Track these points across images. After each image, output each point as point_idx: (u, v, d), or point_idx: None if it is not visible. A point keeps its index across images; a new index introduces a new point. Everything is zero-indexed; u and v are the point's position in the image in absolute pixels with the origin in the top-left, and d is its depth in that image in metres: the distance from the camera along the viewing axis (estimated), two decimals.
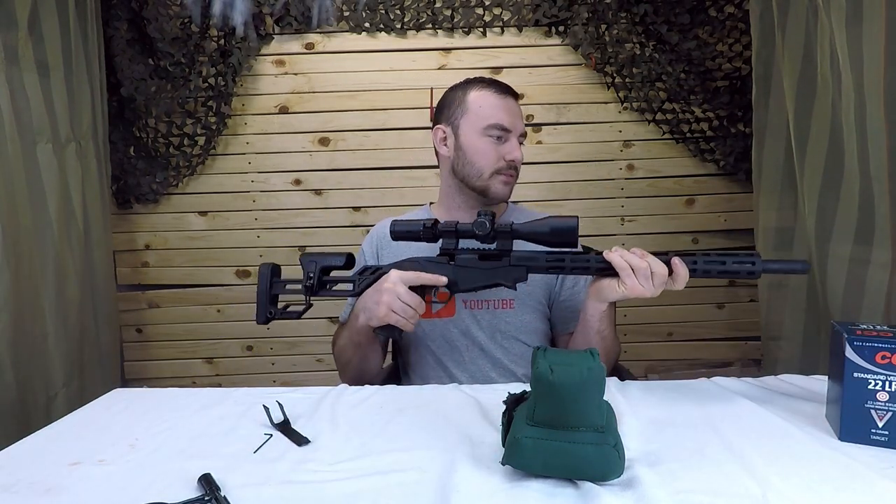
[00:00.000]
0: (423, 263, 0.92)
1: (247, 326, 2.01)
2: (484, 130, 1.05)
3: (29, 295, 1.45)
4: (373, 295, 0.93)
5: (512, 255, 0.88)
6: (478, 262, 0.90)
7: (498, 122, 1.04)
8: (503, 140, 1.05)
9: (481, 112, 1.06)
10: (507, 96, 1.07)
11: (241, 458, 0.69)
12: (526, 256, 0.88)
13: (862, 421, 0.67)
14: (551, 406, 0.59)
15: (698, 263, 0.80)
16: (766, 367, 1.69)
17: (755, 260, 0.77)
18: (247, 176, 1.95)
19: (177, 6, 1.82)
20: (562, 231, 0.83)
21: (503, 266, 0.88)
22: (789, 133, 1.37)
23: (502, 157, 1.05)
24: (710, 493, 0.57)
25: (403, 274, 0.91)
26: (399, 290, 0.90)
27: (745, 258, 0.78)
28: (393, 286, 0.90)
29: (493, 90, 1.07)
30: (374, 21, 1.86)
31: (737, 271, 0.78)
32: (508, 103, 1.06)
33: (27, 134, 1.46)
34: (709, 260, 0.80)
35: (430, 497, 0.59)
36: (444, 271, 0.91)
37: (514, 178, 1.08)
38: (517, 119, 1.07)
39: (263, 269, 0.98)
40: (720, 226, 1.94)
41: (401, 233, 0.91)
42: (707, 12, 1.80)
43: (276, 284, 0.98)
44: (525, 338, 1.08)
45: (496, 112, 1.05)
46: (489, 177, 1.06)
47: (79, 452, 0.71)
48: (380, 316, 0.91)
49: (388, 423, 0.78)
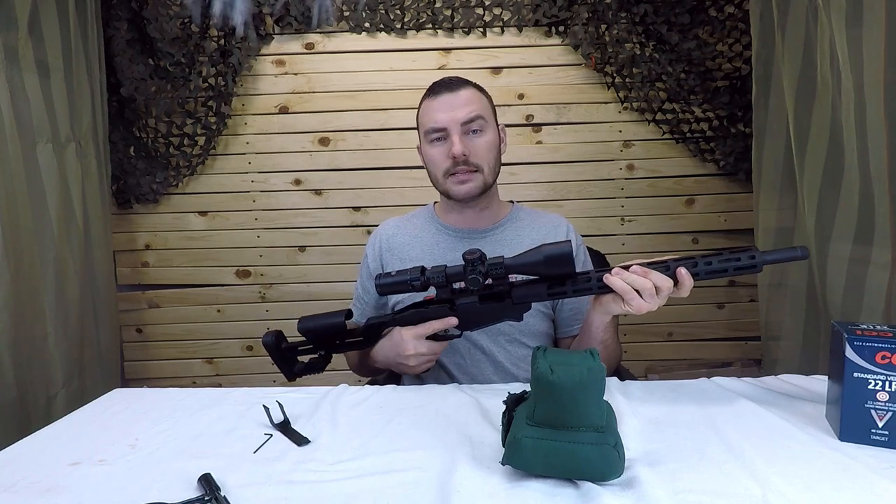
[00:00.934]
0: (427, 311, 0.92)
1: (247, 326, 2.01)
2: (426, 138, 1.06)
3: (29, 295, 1.45)
4: (395, 359, 0.94)
5: (514, 295, 0.86)
6: (479, 306, 0.88)
7: (431, 126, 1.03)
8: (443, 140, 1.03)
9: (422, 122, 1.07)
10: (441, 94, 1.03)
11: (241, 458, 0.69)
12: (527, 294, 0.85)
13: (862, 421, 0.67)
14: (551, 406, 0.59)
15: (699, 266, 0.78)
16: (766, 367, 1.69)
17: (754, 253, 0.76)
18: (247, 176, 1.95)
19: (177, 6, 1.82)
20: (557, 259, 0.80)
21: (507, 307, 0.87)
22: (789, 133, 1.37)
23: (446, 156, 1.03)
24: (710, 493, 0.57)
25: (416, 332, 0.91)
26: (421, 349, 0.91)
27: (743, 253, 0.76)
28: (414, 350, 0.91)
29: (430, 96, 1.06)
30: (374, 21, 1.86)
31: (738, 268, 0.76)
32: (443, 101, 1.03)
33: (27, 134, 1.46)
34: (707, 261, 0.78)
35: (430, 497, 0.59)
36: (447, 315, 0.90)
37: (471, 174, 1.03)
38: (457, 110, 1.02)
39: (267, 341, 0.98)
40: (720, 226, 1.94)
41: (386, 287, 0.88)
42: (707, 12, 1.80)
43: (286, 350, 0.99)
44: (528, 340, 1.08)
45: (430, 116, 1.04)
46: (444, 180, 1.05)
47: (79, 452, 0.71)
48: (416, 372, 0.95)
49: (388, 423, 0.78)
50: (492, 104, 1.09)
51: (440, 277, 0.86)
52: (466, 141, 1.02)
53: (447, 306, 0.90)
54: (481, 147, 1.04)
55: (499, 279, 0.85)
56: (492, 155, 1.06)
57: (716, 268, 0.77)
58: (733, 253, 0.77)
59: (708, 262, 0.77)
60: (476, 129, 1.04)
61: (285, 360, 0.98)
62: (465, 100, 1.03)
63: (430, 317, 0.91)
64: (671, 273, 0.78)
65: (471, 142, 1.03)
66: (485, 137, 1.04)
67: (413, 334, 0.91)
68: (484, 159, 1.04)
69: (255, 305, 2.00)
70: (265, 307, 2.00)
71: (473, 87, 1.07)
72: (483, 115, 1.04)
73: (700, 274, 0.78)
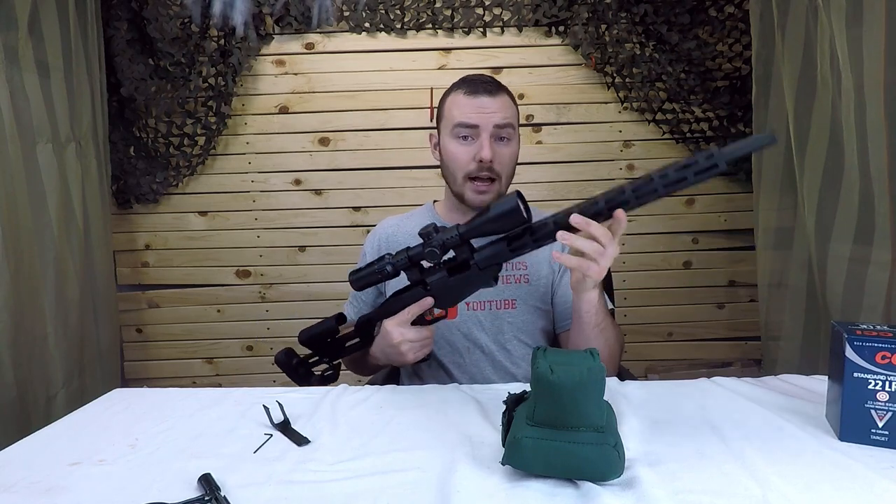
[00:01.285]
0: (403, 297, 0.91)
1: (247, 326, 2.01)
2: (452, 132, 1.03)
3: (29, 295, 1.45)
4: (388, 351, 0.94)
5: (476, 262, 0.84)
6: (449, 280, 0.87)
7: (462, 120, 1.01)
8: (471, 140, 1.02)
9: (450, 114, 1.04)
10: (479, 94, 1.02)
11: (241, 458, 0.69)
12: (489, 255, 0.84)
13: (862, 421, 0.67)
14: (551, 406, 0.59)
15: (655, 181, 0.72)
16: (766, 367, 1.69)
17: (711, 152, 0.68)
18: (247, 176, 1.95)
19: (177, 6, 1.82)
20: (506, 214, 0.78)
21: (474, 273, 0.85)
22: (789, 133, 1.37)
23: (472, 158, 1.01)
24: (710, 493, 0.57)
25: (398, 319, 0.91)
26: (408, 336, 0.90)
27: (699, 154, 0.69)
28: (402, 337, 0.90)
29: (464, 90, 1.03)
30: (374, 21, 1.86)
31: (697, 171, 0.69)
32: (479, 101, 1.01)
33: (27, 134, 1.46)
34: (663, 174, 0.71)
35: (430, 497, 0.58)
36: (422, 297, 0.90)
37: (490, 185, 1.02)
38: (492, 114, 1.01)
39: (279, 359, 1.00)
40: (720, 226, 1.94)
41: (359, 281, 0.89)
42: (707, 12, 1.80)
43: (298, 365, 1.01)
44: (527, 338, 1.08)
45: (462, 111, 1.02)
46: (462, 182, 1.04)
47: (79, 452, 0.71)
48: (408, 362, 0.93)
49: (388, 423, 0.78)
50: (518, 114, 1.09)
51: (403, 260, 0.86)
52: (495, 147, 1.01)
53: (421, 288, 0.89)
54: (506, 156, 1.03)
55: (458, 248, 0.83)
56: (512, 166, 1.06)
57: (673, 178, 0.70)
58: (688, 160, 0.70)
59: (664, 174, 0.71)
60: (505, 137, 1.03)
61: (299, 375, 1.00)
62: (501, 105, 1.02)
63: (408, 302, 0.90)
64: (603, 207, 0.75)
65: (498, 149, 1.02)
66: (511, 147, 1.04)
67: (396, 322, 0.91)
68: (505, 170, 1.04)
69: (255, 305, 2.00)
70: (265, 307, 2.00)
71: (508, 94, 1.06)
72: (514, 124, 1.04)
73: (658, 189, 0.72)
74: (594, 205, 0.77)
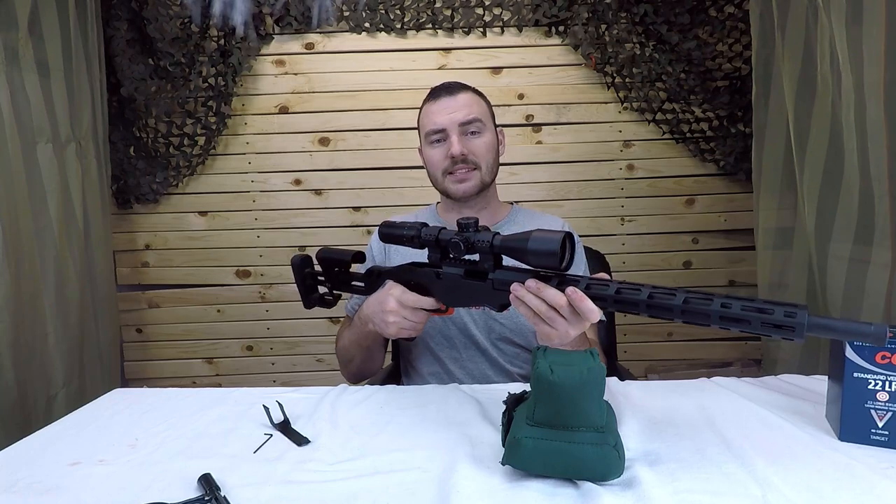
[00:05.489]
0: (415, 271, 0.89)
1: (247, 326, 2.01)
2: (426, 140, 1.09)
3: (29, 295, 1.45)
4: (379, 313, 0.91)
5: (494, 279, 0.78)
6: (461, 280, 0.82)
7: (431, 128, 1.07)
8: (443, 141, 1.07)
9: (422, 124, 1.10)
10: (441, 97, 1.07)
11: (241, 458, 0.69)
12: (507, 279, 0.76)
13: (862, 421, 0.67)
14: (551, 406, 0.59)
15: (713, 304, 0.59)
16: (766, 367, 1.69)
17: (794, 311, 0.55)
18: (247, 176, 1.95)
19: (177, 6, 1.82)
20: (542, 253, 0.69)
21: (486, 288, 0.79)
22: (789, 133, 1.37)
23: (445, 156, 1.06)
24: (710, 493, 0.57)
25: (403, 296, 0.88)
26: (404, 312, 0.88)
27: (779, 307, 0.56)
28: (395, 307, 0.88)
29: (430, 100, 1.09)
30: (374, 21, 1.86)
31: (766, 322, 0.56)
32: (440, 104, 1.07)
33: (27, 134, 1.46)
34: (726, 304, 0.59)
35: (430, 497, 0.59)
36: (433, 284, 0.86)
37: (469, 172, 1.06)
38: (454, 113, 1.05)
39: (295, 261, 1.00)
40: (720, 226, 1.94)
41: (387, 234, 0.86)
42: (707, 12, 1.80)
43: (308, 276, 1.00)
44: (519, 340, 1.08)
45: (429, 118, 1.07)
46: (443, 179, 1.08)
47: (79, 452, 0.71)
48: (392, 334, 0.91)
49: (388, 423, 0.78)
50: (490, 108, 1.13)
51: (431, 236, 0.81)
52: (465, 141, 1.06)
53: (434, 272, 0.85)
54: (479, 147, 1.07)
55: (485, 255, 0.77)
56: (490, 155, 1.09)
57: (735, 314, 0.58)
58: (768, 303, 0.57)
59: (726, 303, 0.59)
60: (474, 131, 1.07)
61: (305, 286, 1.00)
62: (463, 103, 1.07)
63: (416, 277, 0.88)
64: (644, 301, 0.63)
65: (469, 142, 1.06)
66: (483, 138, 1.08)
67: (399, 292, 0.88)
68: (482, 158, 1.07)
69: (255, 305, 2.00)
70: (265, 307, 2.00)
71: (472, 91, 1.10)
72: (481, 118, 1.08)
73: (712, 317, 0.59)
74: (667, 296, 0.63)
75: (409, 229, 0.83)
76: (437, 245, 0.81)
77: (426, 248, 0.83)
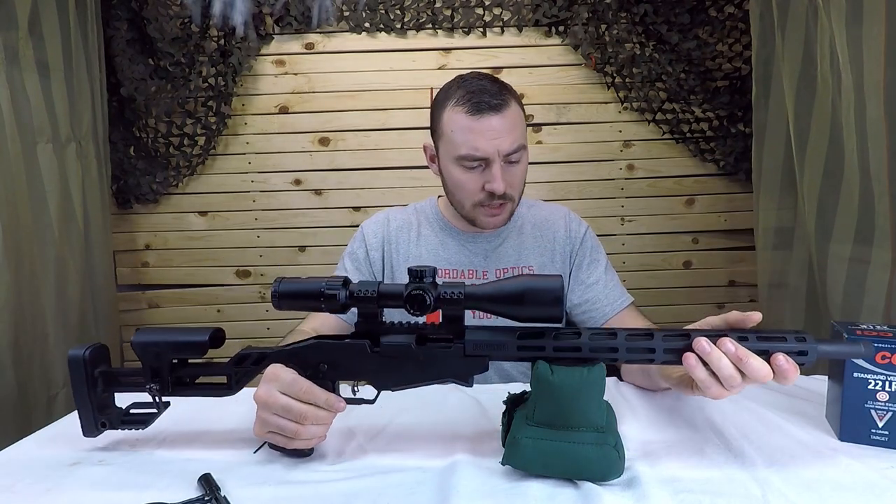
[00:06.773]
0: (333, 348, 0.64)
1: (247, 326, 2.01)
2: (457, 161, 0.92)
3: (29, 295, 1.45)
4: (259, 415, 0.66)
5: (467, 342, 0.61)
6: (413, 349, 0.62)
7: (469, 152, 0.90)
8: (482, 168, 0.92)
9: (453, 138, 0.91)
10: (484, 114, 0.89)
11: (241, 458, 0.69)
12: (488, 343, 0.61)
13: (862, 421, 0.67)
14: (551, 406, 0.59)
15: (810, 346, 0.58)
16: None
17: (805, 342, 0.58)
18: (247, 176, 1.95)
19: (177, 6, 1.82)
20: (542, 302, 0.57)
21: (451, 356, 0.61)
22: (789, 133, 1.37)
23: (481, 188, 0.93)
24: (710, 493, 0.57)
25: (288, 383, 0.62)
26: (280, 402, 0.62)
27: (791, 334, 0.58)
28: (266, 397, 0.62)
29: (466, 109, 0.89)
30: (374, 21, 1.86)
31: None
32: (485, 123, 0.89)
33: (27, 134, 1.46)
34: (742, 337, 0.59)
35: (430, 497, 0.58)
36: (363, 362, 0.64)
37: (503, 208, 0.95)
38: (502, 139, 0.89)
39: (73, 360, 0.68)
40: (720, 226, 1.94)
41: (286, 296, 0.62)
42: (707, 12, 1.80)
43: (105, 377, 0.68)
44: None
45: (468, 139, 0.90)
46: (471, 209, 0.96)
47: (79, 452, 0.72)
48: (289, 447, 0.65)
49: (388, 423, 0.78)
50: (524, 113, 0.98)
51: (367, 292, 0.60)
52: (505, 172, 0.92)
53: (367, 343, 0.64)
54: (518, 177, 0.96)
55: (454, 309, 0.60)
56: (524, 183, 0.99)
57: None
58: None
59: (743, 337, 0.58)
60: (515, 161, 0.94)
61: (93, 400, 0.70)
62: (510, 125, 0.91)
63: (332, 355, 0.64)
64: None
65: (509, 173, 0.93)
66: (522, 165, 0.96)
67: (280, 376, 0.63)
68: (518, 190, 0.97)
69: (255, 305, 2.00)
70: (265, 307, 2.00)
71: (514, 100, 0.94)
72: (524, 142, 0.94)
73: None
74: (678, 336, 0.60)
75: (328, 285, 0.60)
76: (378, 303, 0.60)
77: (352, 310, 0.61)
